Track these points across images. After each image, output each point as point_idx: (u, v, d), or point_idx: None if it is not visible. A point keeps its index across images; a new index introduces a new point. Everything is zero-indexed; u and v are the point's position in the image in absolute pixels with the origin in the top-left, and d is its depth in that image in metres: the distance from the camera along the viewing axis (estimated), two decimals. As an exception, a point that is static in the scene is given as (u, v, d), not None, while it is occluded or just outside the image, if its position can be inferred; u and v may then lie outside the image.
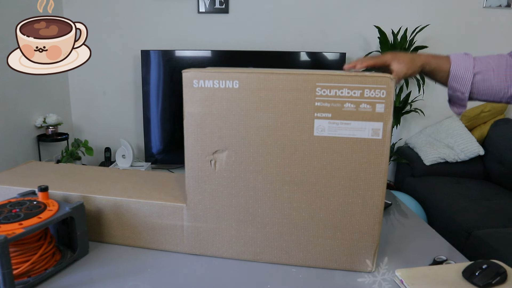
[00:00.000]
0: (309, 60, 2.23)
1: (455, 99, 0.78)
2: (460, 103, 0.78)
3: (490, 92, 0.74)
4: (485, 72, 0.73)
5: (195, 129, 0.71)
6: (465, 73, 0.73)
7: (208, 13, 2.26)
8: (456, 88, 0.75)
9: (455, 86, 0.75)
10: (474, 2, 2.26)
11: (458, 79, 0.74)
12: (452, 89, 0.76)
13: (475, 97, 0.76)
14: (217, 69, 0.69)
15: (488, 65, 0.74)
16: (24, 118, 1.98)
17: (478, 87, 0.74)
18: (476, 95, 0.75)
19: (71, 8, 2.22)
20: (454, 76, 0.74)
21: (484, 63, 0.74)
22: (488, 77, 0.73)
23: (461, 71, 0.73)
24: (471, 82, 0.73)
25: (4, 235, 0.58)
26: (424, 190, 2.05)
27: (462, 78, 0.73)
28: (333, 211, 0.70)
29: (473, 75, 0.73)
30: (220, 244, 0.76)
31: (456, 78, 0.74)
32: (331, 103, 0.66)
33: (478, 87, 0.74)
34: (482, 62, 0.74)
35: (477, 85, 0.74)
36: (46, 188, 0.73)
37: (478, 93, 0.75)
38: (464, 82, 0.74)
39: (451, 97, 0.78)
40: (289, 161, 0.69)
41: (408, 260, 0.77)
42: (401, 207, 1.08)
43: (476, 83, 0.74)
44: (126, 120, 2.42)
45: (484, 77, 0.73)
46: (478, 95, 0.75)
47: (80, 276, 0.70)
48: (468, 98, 0.76)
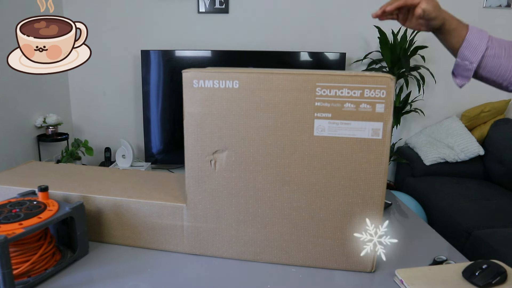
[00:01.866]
0: (309, 60, 2.23)
1: (460, 70, 0.77)
2: (465, 74, 0.76)
3: (497, 71, 0.74)
4: (497, 48, 0.73)
5: (195, 129, 0.71)
6: (479, 43, 0.73)
7: (208, 13, 2.26)
8: (466, 56, 0.74)
9: (466, 54, 0.74)
10: (474, 2, 2.26)
11: (471, 47, 0.73)
12: (461, 57, 0.75)
13: (481, 72, 0.75)
14: (217, 69, 0.69)
15: (501, 44, 0.73)
16: (24, 118, 1.98)
17: (487, 62, 0.73)
18: (482, 70, 0.75)
19: (71, 8, 2.22)
20: (468, 43, 0.73)
21: (497, 41, 0.74)
22: (499, 54, 0.73)
23: (476, 41, 0.73)
24: (482, 53, 0.73)
25: (4, 235, 0.58)
26: (424, 190, 2.05)
27: (475, 47, 0.73)
28: (333, 211, 0.70)
29: (486, 47, 0.72)
30: (220, 244, 0.76)
31: (469, 45, 0.73)
32: (331, 103, 0.66)
33: (487, 62, 0.73)
34: (496, 40, 0.74)
35: (487, 59, 0.73)
36: (46, 188, 0.73)
37: (485, 68, 0.74)
38: (476, 51, 0.73)
39: (457, 66, 0.77)
40: (289, 161, 0.69)
41: (408, 260, 0.77)
42: (401, 207, 1.08)
43: (486, 57, 0.73)
44: (126, 120, 2.42)
45: (495, 53, 0.73)
46: (484, 71, 0.75)
47: (80, 276, 0.70)
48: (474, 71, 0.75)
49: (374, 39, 2.23)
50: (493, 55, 0.73)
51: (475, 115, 2.28)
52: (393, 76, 0.64)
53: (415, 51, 2.14)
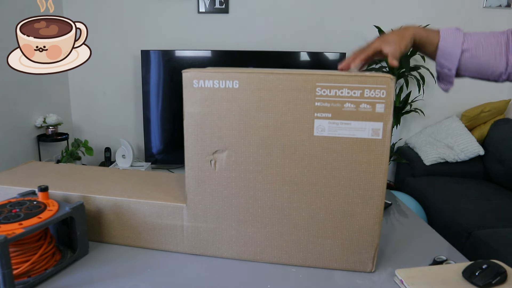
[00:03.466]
0: (309, 60, 2.23)
1: (442, 75, 0.76)
2: (448, 79, 0.76)
3: (478, 70, 0.72)
4: (474, 49, 0.71)
5: (195, 129, 0.71)
6: (453, 49, 0.71)
7: (208, 13, 2.26)
8: (443, 64, 0.73)
9: (442, 62, 0.73)
10: (474, 2, 2.26)
11: (446, 55, 0.72)
12: (439, 65, 0.74)
13: (463, 73, 0.74)
14: (217, 69, 0.69)
15: (478, 42, 0.71)
16: (24, 118, 1.98)
17: (466, 63, 0.72)
18: (463, 72, 0.74)
19: (71, 8, 2.22)
20: (442, 52, 0.72)
21: (474, 40, 0.71)
22: (477, 54, 0.71)
23: (449, 47, 0.71)
24: (458, 58, 0.71)
25: (4, 235, 0.58)
26: (424, 190, 2.05)
27: (449, 54, 0.71)
28: (333, 211, 0.70)
29: (461, 51, 0.71)
30: (220, 244, 0.76)
31: (443, 54, 0.72)
32: (331, 103, 0.66)
33: (466, 63, 0.72)
34: (472, 39, 0.71)
35: (465, 61, 0.72)
36: (46, 188, 0.73)
37: (466, 70, 0.73)
38: (451, 58, 0.72)
39: (438, 73, 0.77)
40: (289, 161, 0.69)
41: (408, 260, 0.77)
42: (401, 207, 1.08)
43: (463, 60, 0.72)
44: (126, 120, 2.42)
45: (472, 54, 0.71)
46: (465, 72, 0.74)
47: (80, 276, 0.70)
48: (455, 75, 0.74)
49: (374, 39, 2.23)
50: (470, 57, 0.71)
51: (475, 115, 2.28)
52: (393, 76, 0.64)
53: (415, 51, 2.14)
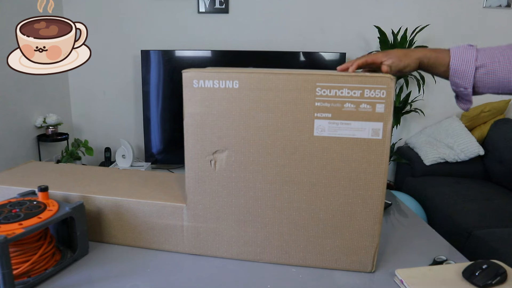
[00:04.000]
0: (309, 60, 2.23)
1: (460, 95, 0.73)
2: (465, 98, 0.72)
3: (498, 86, 0.69)
4: (490, 65, 0.68)
5: (195, 129, 0.71)
6: (466, 67, 0.68)
7: (208, 13, 2.26)
8: (458, 84, 0.70)
9: (456, 81, 0.70)
10: (474, 2, 2.26)
11: (459, 73, 0.69)
12: (454, 85, 0.72)
13: (481, 91, 0.71)
14: (217, 69, 0.69)
15: (493, 57, 0.68)
16: (24, 118, 1.98)
17: (483, 80, 0.69)
18: (481, 89, 0.70)
19: (71, 8, 2.22)
20: (454, 71, 0.69)
21: (488, 55, 0.68)
22: (494, 69, 0.68)
23: (462, 65, 0.68)
24: (473, 76, 0.68)
25: (4, 235, 0.58)
26: (424, 190, 2.05)
27: (462, 72, 0.69)
28: (333, 211, 0.70)
29: (475, 68, 0.68)
30: (220, 244, 0.76)
31: (456, 72, 0.69)
32: (331, 103, 0.66)
33: (483, 80, 0.69)
34: (486, 54, 0.69)
35: (481, 78, 0.69)
36: (46, 188, 0.73)
37: (484, 87, 0.70)
38: (465, 76, 0.69)
39: (455, 92, 0.74)
40: (289, 161, 0.69)
41: (408, 260, 0.77)
42: (401, 207, 1.08)
43: (479, 77, 0.68)
44: (126, 120, 2.42)
45: (488, 70, 0.68)
46: (484, 89, 0.70)
47: (80, 276, 0.70)
48: (473, 93, 0.71)
49: (374, 39, 2.23)
50: (486, 73, 0.68)
51: (475, 115, 2.28)
52: (393, 76, 0.64)
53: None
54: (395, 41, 2.15)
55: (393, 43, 2.15)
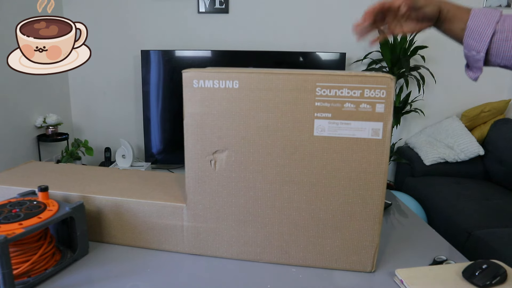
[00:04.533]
0: (309, 60, 2.23)
1: (470, 61, 0.67)
2: (475, 64, 0.66)
3: None
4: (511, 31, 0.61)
5: (195, 129, 0.71)
6: (484, 28, 0.62)
7: (208, 13, 2.26)
8: (471, 46, 0.64)
9: (470, 43, 0.64)
10: (474, 2, 2.26)
11: (475, 34, 0.63)
12: (467, 47, 0.65)
13: (494, 59, 0.65)
14: (217, 69, 0.69)
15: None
16: (24, 118, 1.98)
17: (499, 47, 0.63)
18: (494, 58, 0.64)
19: (71, 8, 2.22)
20: (471, 31, 0.63)
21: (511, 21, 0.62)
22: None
23: (480, 26, 0.62)
24: (489, 39, 0.62)
25: (4, 235, 0.58)
26: (424, 190, 2.05)
27: (480, 32, 0.62)
28: (333, 211, 0.70)
29: (493, 31, 0.62)
30: (220, 244, 0.76)
31: (472, 33, 0.63)
32: (331, 103, 0.66)
33: (499, 47, 0.63)
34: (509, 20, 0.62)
35: (498, 44, 0.62)
36: (46, 188, 0.73)
37: (498, 55, 0.63)
38: (481, 37, 0.63)
39: (466, 58, 0.68)
40: (289, 161, 0.69)
41: (408, 260, 0.77)
42: (401, 207, 1.08)
43: (496, 43, 0.62)
44: (126, 120, 2.42)
45: (507, 37, 0.61)
46: (497, 58, 0.64)
47: (80, 276, 0.70)
48: (484, 59, 0.65)
49: (374, 39, 2.23)
50: (504, 39, 0.61)
51: (475, 115, 2.28)
52: (393, 76, 0.64)
53: (415, 51, 2.14)
54: (395, 41, 2.15)
55: (393, 43, 2.16)
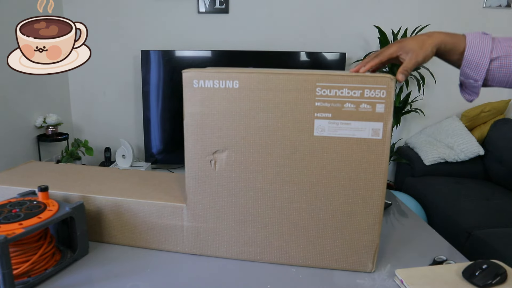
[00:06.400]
0: (309, 60, 2.23)
1: (467, 85, 0.69)
2: (473, 90, 0.69)
3: (507, 80, 0.66)
4: (504, 58, 0.64)
5: (195, 129, 0.71)
6: (481, 59, 0.64)
7: (208, 13, 2.26)
8: (469, 75, 0.66)
9: (468, 73, 0.66)
10: (474, 2, 2.26)
11: (472, 65, 0.65)
12: (464, 75, 0.68)
13: (489, 84, 0.68)
14: (217, 69, 0.69)
15: (508, 50, 0.64)
16: (24, 118, 1.98)
17: (494, 74, 0.65)
18: (491, 82, 0.67)
19: (71, 8, 2.22)
20: (468, 62, 0.65)
21: (504, 47, 0.64)
22: (506, 63, 0.64)
23: (476, 56, 0.64)
24: (486, 69, 0.64)
25: (4, 235, 0.58)
26: (424, 190, 2.05)
27: (476, 64, 0.65)
28: (333, 211, 0.70)
29: (489, 61, 0.64)
30: (220, 244, 0.76)
31: (470, 63, 0.65)
32: (331, 103, 0.66)
33: (494, 74, 0.65)
34: (501, 46, 0.65)
35: (493, 72, 0.65)
36: (46, 188, 0.73)
37: (493, 80, 0.66)
38: (478, 69, 0.65)
39: (462, 83, 0.70)
40: (289, 161, 0.69)
41: (408, 260, 0.77)
42: (401, 207, 1.08)
43: (492, 70, 0.65)
44: (126, 120, 2.42)
45: (501, 63, 0.64)
46: (493, 82, 0.67)
47: (80, 276, 0.70)
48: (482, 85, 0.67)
49: (374, 39, 2.23)
50: (499, 66, 0.64)
51: (475, 115, 2.28)
52: (393, 76, 0.64)
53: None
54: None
55: (393, 43, 2.15)
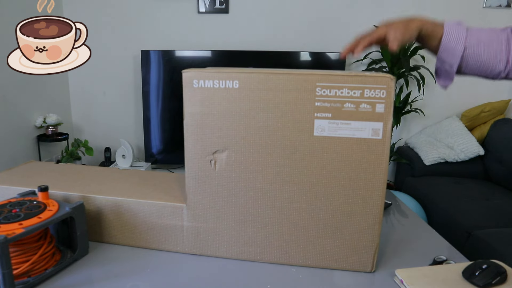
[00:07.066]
0: (309, 60, 2.23)
1: (442, 72, 0.73)
2: (448, 76, 0.73)
3: (478, 67, 0.70)
4: (476, 46, 0.68)
5: (195, 129, 0.71)
6: (456, 45, 0.68)
7: (208, 13, 2.26)
8: (444, 60, 0.70)
9: (444, 58, 0.70)
10: (474, 2, 2.26)
11: (449, 50, 0.69)
12: (440, 61, 0.71)
13: (463, 71, 0.72)
14: (217, 69, 0.69)
15: (479, 39, 0.69)
16: (24, 118, 1.98)
17: (467, 61, 0.70)
18: (464, 69, 0.71)
19: (71, 8, 2.22)
20: (444, 47, 0.69)
21: (475, 36, 0.69)
22: (478, 51, 0.69)
23: (452, 43, 0.68)
24: (461, 55, 0.69)
25: (4, 235, 0.58)
26: (424, 190, 2.05)
27: (452, 50, 0.69)
28: (333, 211, 0.70)
29: (464, 48, 0.68)
30: (220, 244, 0.76)
31: (446, 49, 0.69)
32: (331, 103, 0.66)
33: (467, 61, 0.70)
34: (474, 35, 0.69)
35: (467, 59, 0.69)
36: (46, 188, 0.73)
37: (467, 67, 0.71)
38: (453, 54, 0.69)
39: (438, 69, 0.74)
40: (289, 161, 0.69)
41: (408, 260, 0.77)
42: (401, 207, 1.08)
43: (466, 57, 0.69)
44: (126, 120, 2.42)
45: (474, 51, 0.69)
46: (466, 69, 0.71)
47: (80, 276, 0.70)
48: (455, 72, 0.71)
49: (374, 39, 2.23)
50: (472, 53, 0.69)
51: (475, 115, 2.28)
52: (393, 76, 0.64)
53: (415, 51, 2.14)
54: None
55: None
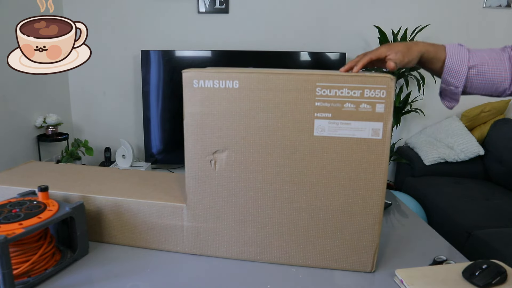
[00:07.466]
0: (309, 60, 2.23)
1: (447, 93, 0.75)
2: (453, 97, 0.75)
3: (484, 87, 0.72)
4: (480, 66, 0.70)
5: (195, 129, 0.71)
6: (460, 67, 0.70)
7: (208, 13, 2.26)
8: (450, 82, 0.72)
9: (449, 80, 0.72)
10: (474, 2, 2.26)
11: (453, 72, 0.71)
12: (445, 83, 0.73)
13: (468, 91, 0.73)
14: (217, 69, 0.69)
15: (482, 59, 0.71)
16: (24, 118, 1.98)
17: (472, 81, 0.71)
18: (469, 89, 0.73)
19: (71, 8, 2.22)
20: (449, 69, 0.71)
21: (478, 56, 0.71)
22: (483, 70, 0.71)
23: (456, 64, 0.70)
24: (465, 76, 0.71)
25: (4, 235, 0.58)
26: (424, 190, 2.05)
27: (457, 71, 0.71)
28: (333, 211, 0.70)
29: (468, 69, 0.70)
30: (220, 244, 0.76)
31: (450, 71, 0.71)
32: (331, 103, 0.66)
33: (472, 81, 0.71)
34: (477, 55, 0.71)
35: (471, 79, 0.71)
36: (46, 188, 0.73)
37: (471, 87, 0.72)
38: (458, 76, 0.71)
39: (443, 90, 0.76)
40: (289, 161, 0.69)
41: (408, 260, 0.77)
42: (401, 207, 1.08)
43: (470, 78, 0.71)
44: (126, 120, 2.42)
45: (478, 71, 0.71)
46: (471, 89, 0.73)
47: (80, 276, 0.70)
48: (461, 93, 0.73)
49: (374, 39, 2.23)
50: (476, 73, 0.71)
51: (475, 115, 2.28)
52: (393, 76, 0.64)
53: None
54: (395, 41, 2.15)
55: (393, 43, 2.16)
